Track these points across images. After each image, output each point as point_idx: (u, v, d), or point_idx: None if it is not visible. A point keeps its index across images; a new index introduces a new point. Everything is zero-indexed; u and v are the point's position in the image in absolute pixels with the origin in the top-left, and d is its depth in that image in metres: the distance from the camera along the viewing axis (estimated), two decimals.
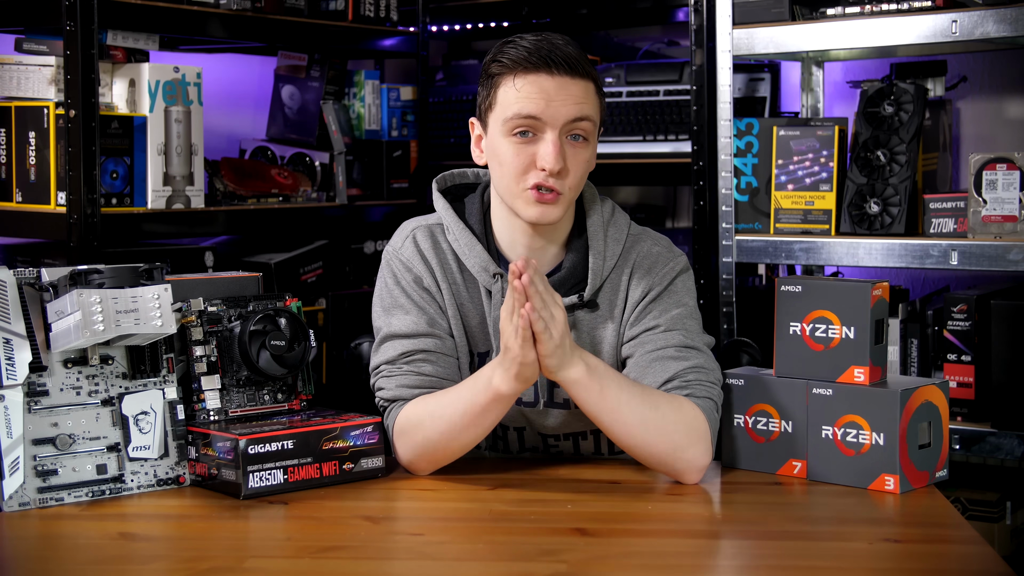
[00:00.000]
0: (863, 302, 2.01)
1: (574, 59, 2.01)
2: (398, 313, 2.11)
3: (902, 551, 1.75)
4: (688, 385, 2.03)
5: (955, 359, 2.75)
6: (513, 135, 2.02)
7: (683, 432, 1.98)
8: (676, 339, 2.07)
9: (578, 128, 2.02)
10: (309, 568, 1.68)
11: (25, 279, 1.97)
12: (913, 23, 2.73)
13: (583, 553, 1.72)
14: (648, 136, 3.33)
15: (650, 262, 2.13)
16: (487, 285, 2.10)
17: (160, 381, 2.04)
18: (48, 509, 1.92)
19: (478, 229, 2.13)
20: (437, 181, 2.20)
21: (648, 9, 3.52)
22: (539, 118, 2.00)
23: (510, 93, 2.02)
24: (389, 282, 2.14)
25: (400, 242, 2.15)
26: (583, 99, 2.02)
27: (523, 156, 2.02)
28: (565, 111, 2.00)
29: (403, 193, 3.65)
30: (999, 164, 2.69)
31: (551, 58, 2.00)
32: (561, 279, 2.10)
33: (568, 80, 2.00)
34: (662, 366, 2.05)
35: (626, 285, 2.12)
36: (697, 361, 2.06)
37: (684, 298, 2.12)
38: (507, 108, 2.02)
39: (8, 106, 2.87)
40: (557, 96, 2.00)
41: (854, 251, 2.82)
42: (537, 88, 2.00)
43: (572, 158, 2.02)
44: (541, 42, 2.02)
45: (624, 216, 2.18)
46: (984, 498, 2.91)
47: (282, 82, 3.57)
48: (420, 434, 2.03)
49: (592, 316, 2.11)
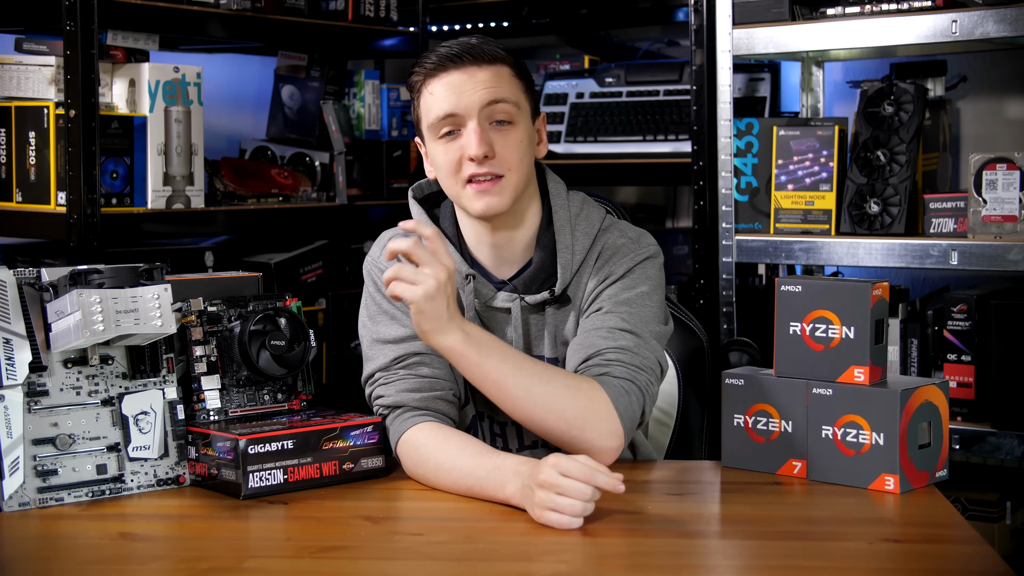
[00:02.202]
0: (863, 302, 2.00)
1: (478, 49, 2.04)
2: (384, 320, 2.11)
3: (902, 551, 1.75)
4: (607, 364, 2.00)
5: (955, 359, 2.75)
6: (441, 139, 2.06)
7: (578, 409, 1.95)
8: (611, 321, 2.04)
9: (498, 112, 2.04)
10: (309, 568, 1.68)
11: (25, 279, 1.97)
12: (913, 23, 2.73)
13: (583, 553, 1.72)
14: (648, 136, 3.33)
15: (611, 252, 2.12)
16: (458, 287, 2.11)
17: (160, 381, 2.04)
18: (48, 509, 1.92)
19: (451, 233, 2.14)
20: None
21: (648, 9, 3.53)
22: (455, 113, 2.03)
23: (428, 99, 2.06)
24: (371, 291, 2.15)
25: (378, 252, 2.17)
26: (494, 83, 2.04)
27: (452, 153, 2.05)
28: (476, 97, 2.03)
29: (403, 193, 3.63)
30: (999, 164, 2.69)
31: (455, 56, 2.04)
32: (532, 275, 2.10)
33: (475, 69, 2.04)
34: (589, 343, 2.03)
35: (587, 275, 2.12)
36: (625, 343, 2.02)
37: (639, 284, 2.09)
38: (429, 114, 2.06)
39: (8, 106, 2.87)
40: (466, 87, 2.03)
41: (854, 251, 2.82)
42: (447, 85, 2.04)
43: (500, 141, 2.04)
44: (451, 46, 2.06)
45: (597, 209, 2.17)
46: (984, 498, 2.91)
47: (282, 82, 3.57)
48: (423, 468, 2.01)
49: (565, 310, 2.11)
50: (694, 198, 3.08)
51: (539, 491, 1.80)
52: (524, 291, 2.10)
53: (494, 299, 2.11)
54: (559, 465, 1.79)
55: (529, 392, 1.96)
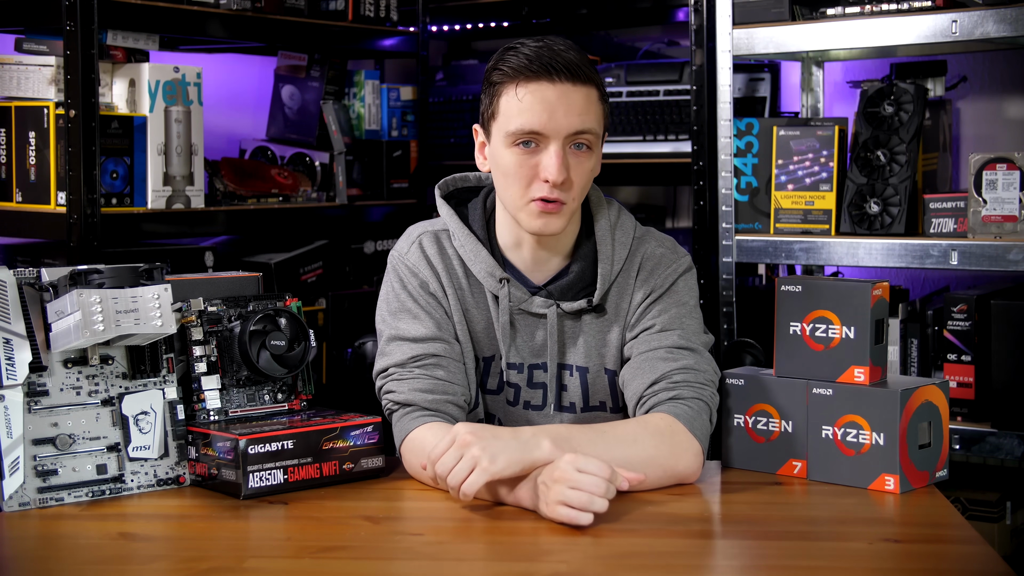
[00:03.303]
0: (863, 302, 2.01)
1: (575, 65, 1.99)
2: (405, 317, 2.11)
3: (902, 551, 1.75)
4: (675, 387, 2.02)
5: (955, 359, 2.75)
6: (516, 146, 2.01)
7: (668, 454, 1.97)
8: (670, 340, 2.07)
9: (581, 138, 2.01)
10: (309, 568, 1.68)
11: (25, 279, 1.97)
12: (913, 23, 2.73)
13: (583, 553, 1.72)
14: (648, 136, 3.33)
15: (653, 263, 2.13)
16: (493, 290, 2.10)
17: (160, 381, 2.04)
18: (48, 509, 1.92)
19: (481, 234, 2.12)
20: (439, 187, 2.19)
21: (648, 9, 3.52)
22: (542, 132, 1.99)
23: (512, 104, 2.00)
24: (396, 286, 2.14)
25: (406, 247, 2.15)
26: (585, 109, 1.99)
27: (526, 167, 2.00)
28: (567, 123, 1.98)
29: (403, 193, 3.65)
30: (999, 164, 2.69)
31: (552, 66, 1.97)
32: (569, 283, 2.10)
33: (570, 88, 1.98)
34: (651, 367, 2.05)
35: (631, 287, 2.12)
36: (688, 362, 2.05)
37: (684, 297, 2.12)
38: (510, 119, 2.00)
39: (8, 106, 2.87)
40: (559, 106, 1.98)
41: (854, 251, 2.82)
42: (539, 98, 1.98)
43: (575, 168, 2.01)
44: (542, 49, 1.99)
45: (629, 218, 2.18)
46: (984, 498, 2.91)
47: (282, 82, 3.57)
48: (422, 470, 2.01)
49: (600, 320, 2.11)
50: (694, 198, 3.08)
51: (554, 486, 1.80)
52: (560, 298, 2.10)
53: (530, 304, 2.10)
54: (576, 462, 1.80)
55: (628, 460, 1.92)
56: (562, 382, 2.12)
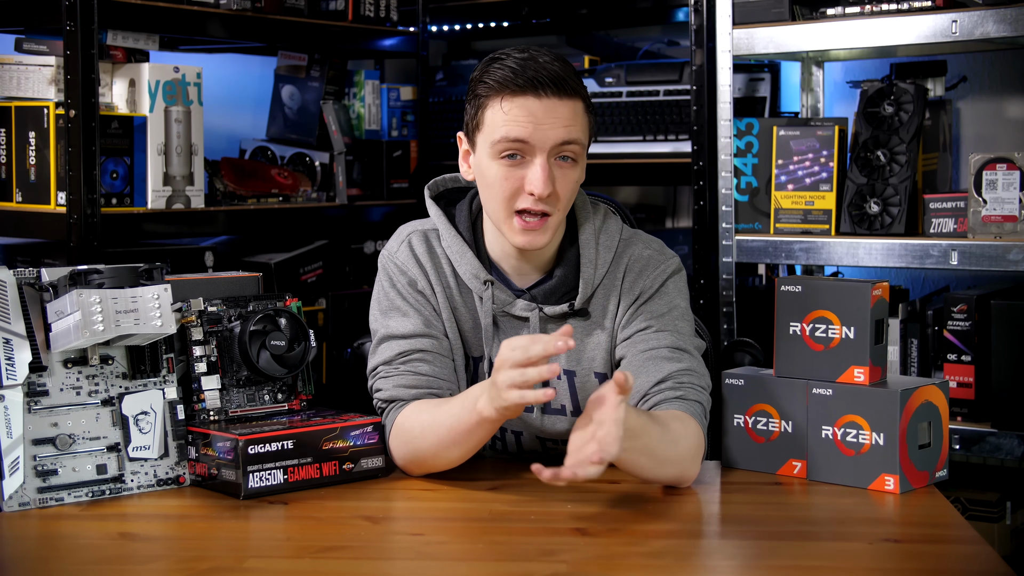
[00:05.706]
0: (863, 302, 2.01)
1: (561, 78, 1.98)
2: (395, 315, 2.11)
3: (902, 551, 1.75)
4: (681, 387, 2.02)
5: (955, 359, 2.75)
6: (501, 158, 2.00)
7: (690, 458, 1.98)
8: (668, 340, 2.07)
9: (567, 150, 2.00)
10: (309, 568, 1.68)
11: (25, 279, 1.97)
12: (913, 23, 2.73)
13: (583, 553, 1.72)
14: (648, 136, 3.32)
15: (641, 265, 2.13)
16: (478, 292, 2.10)
17: (160, 381, 2.04)
18: (48, 509, 1.92)
19: (467, 236, 2.13)
20: (429, 187, 2.20)
21: (648, 9, 3.52)
22: (527, 142, 1.98)
23: (497, 115, 1.99)
24: (385, 285, 2.15)
25: (396, 246, 2.16)
26: (571, 121, 1.99)
27: (511, 180, 2.00)
28: (553, 135, 1.98)
29: (403, 193, 3.65)
30: (999, 164, 2.69)
31: (538, 79, 1.97)
32: (552, 288, 2.11)
33: (556, 102, 1.98)
34: (656, 366, 2.05)
35: (618, 290, 2.12)
36: (689, 364, 2.05)
37: (676, 299, 2.12)
38: (495, 131, 2.00)
39: (8, 106, 2.87)
40: (545, 119, 1.97)
41: (854, 251, 2.82)
42: (525, 111, 1.97)
43: (561, 180, 2.01)
44: (528, 61, 1.98)
45: (615, 221, 2.17)
46: (984, 498, 2.91)
47: (282, 82, 3.57)
48: (412, 444, 2.03)
49: (584, 324, 2.11)
50: (694, 198, 3.08)
51: (496, 376, 1.81)
52: (543, 301, 2.10)
53: (513, 306, 2.10)
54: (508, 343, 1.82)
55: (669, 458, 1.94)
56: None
